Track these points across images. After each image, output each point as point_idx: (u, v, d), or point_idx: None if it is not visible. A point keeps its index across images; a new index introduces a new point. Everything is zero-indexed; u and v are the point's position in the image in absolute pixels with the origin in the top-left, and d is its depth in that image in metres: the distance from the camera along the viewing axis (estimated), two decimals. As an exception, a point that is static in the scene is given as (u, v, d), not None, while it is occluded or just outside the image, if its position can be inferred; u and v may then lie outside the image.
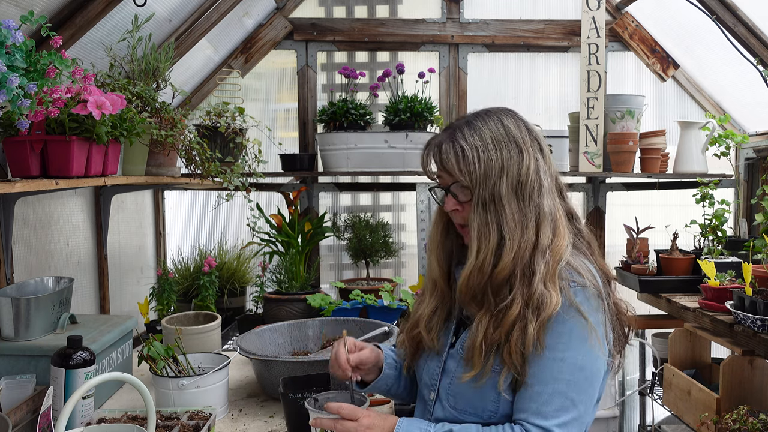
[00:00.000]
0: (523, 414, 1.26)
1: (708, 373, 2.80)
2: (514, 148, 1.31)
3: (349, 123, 3.05)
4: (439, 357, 1.40)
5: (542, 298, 1.24)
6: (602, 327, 1.28)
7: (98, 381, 1.33)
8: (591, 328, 1.25)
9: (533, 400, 1.25)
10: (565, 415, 1.24)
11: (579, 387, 1.25)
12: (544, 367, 1.25)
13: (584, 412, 1.26)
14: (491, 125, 1.33)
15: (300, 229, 3.05)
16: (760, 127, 3.34)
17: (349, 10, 3.49)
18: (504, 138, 1.32)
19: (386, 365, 1.51)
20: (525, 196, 1.30)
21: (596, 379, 1.28)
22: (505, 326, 1.25)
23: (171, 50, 2.39)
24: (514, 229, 1.27)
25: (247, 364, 2.27)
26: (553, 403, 1.24)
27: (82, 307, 2.52)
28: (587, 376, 1.26)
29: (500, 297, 1.28)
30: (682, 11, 3.05)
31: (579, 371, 1.25)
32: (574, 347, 1.25)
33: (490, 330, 1.27)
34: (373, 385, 1.51)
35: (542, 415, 1.24)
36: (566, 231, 1.33)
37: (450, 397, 1.35)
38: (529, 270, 1.27)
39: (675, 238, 2.80)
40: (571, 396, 1.24)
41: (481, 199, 1.30)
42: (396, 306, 2.67)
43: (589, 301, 1.27)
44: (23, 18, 1.49)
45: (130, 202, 3.06)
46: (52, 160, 1.74)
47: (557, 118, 3.43)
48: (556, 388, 1.24)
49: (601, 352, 1.27)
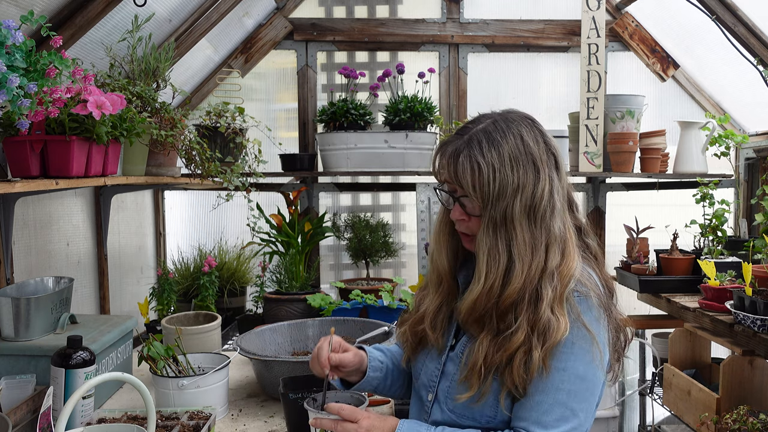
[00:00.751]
0: (523, 422, 1.24)
1: (708, 373, 2.80)
2: (531, 167, 1.26)
3: (349, 123, 3.05)
4: (439, 358, 1.40)
5: (549, 323, 1.21)
6: (603, 337, 1.27)
7: (98, 381, 1.33)
8: (593, 339, 1.24)
9: (534, 410, 1.24)
10: (565, 424, 1.23)
11: (580, 396, 1.24)
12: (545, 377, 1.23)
13: (584, 421, 1.25)
14: (510, 140, 1.27)
15: (300, 229, 3.06)
16: (760, 127, 3.34)
17: (349, 10, 3.49)
18: (522, 156, 1.26)
19: (370, 368, 1.49)
20: (537, 218, 1.26)
21: (596, 389, 1.27)
22: (509, 351, 1.22)
23: (171, 50, 2.39)
24: (525, 252, 1.24)
25: (247, 364, 2.27)
26: (553, 412, 1.23)
27: (82, 307, 2.52)
28: (588, 386, 1.25)
29: (505, 322, 1.25)
30: (682, 11, 3.05)
31: (580, 381, 1.24)
32: (576, 357, 1.24)
33: (490, 353, 1.24)
34: (357, 387, 1.50)
35: (542, 424, 1.22)
36: (575, 251, 1.30)
37: (449, 400, 1.34)
38: (536, 294, 1.24)
39: (675, 238, 2.80)
40: (572, 406, 1.23)
41: (491, 219, 1.25)
42: (396, 306, 2.67)
43: (591, 311, 1.26)
44: (23, 18, 1.49)
45: (130, 202, 3.06)
46: (52, 160, 1.74)
47: (557, 118, 3.43)
48: (557, 398, 1.23)
49: (601, 362, 1.26)
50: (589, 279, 1.29)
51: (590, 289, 1.27)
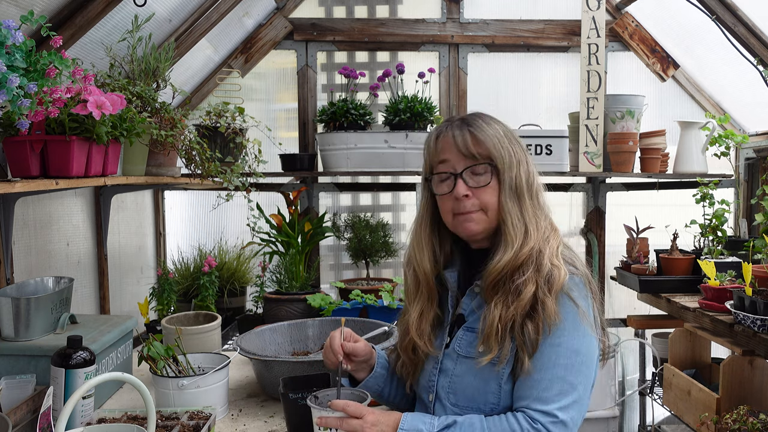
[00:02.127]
0: (525, 401, 1.28)
1: (708, 373, 2.80)
2: (520, 147, 1.40)
3: (349, 123, 3.05)
4: (435, 359, 1.42)
5: (551, 272, 1.30)
6: (591, 311, 1.34)
7: (98, 381, 1.33)
8: (582, 313, 1.31)
9: (533, 387, 1.28)
10: (565, 398, 1.27)
11: (576, 370, 1.29)
12: (541, 354, 1.28)
13: (583, 394, 1.30)
14: (498, 125, 1.40)
15: (300, 229, 3.06)
16: (760, 127, 3.34)
17: (349, 10, 3.49)
18: (511, 136, 1.40)
19: (378, 364, 1.52)
20: (533, 191, 1.39)
21: (591, 361, 1.32)
22: (522, 303, 1.29)
23: (171, 50, 2.39)
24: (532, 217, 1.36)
25: (247, 364, 2.27)
26: (553, 388, 1.27)
27: (82, 307, 2.52)
28: (583, 359, 1.30)
29: (515, 282, 1.32)
30: (682, 11, 3.05)
31: (575, 355, 1.29)
32: (568, 332, 1.29)
33: (504, 310, 1.30)
34: (364, 383, 1.52)
35: (543, 400, 1.27)
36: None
37: (450, 395, 1.36)
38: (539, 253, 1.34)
39: (675, 238, 2.80)
40: (570, 380, 1.28)
41: (509, 184, 1.36)
42: (396, 306, 2.67)
43: (579, 287, 1.33)
44: (23, 18, 1.49)
45: (130, 202, 3.06)
46: (52, 160, 1.74)
47: (557, 118, 3.43)
48: (555, 373, 1.27)
49: (593, 335, 1.32)
50: (575, 258, 1.39)
51: (576, 267, 1.36)
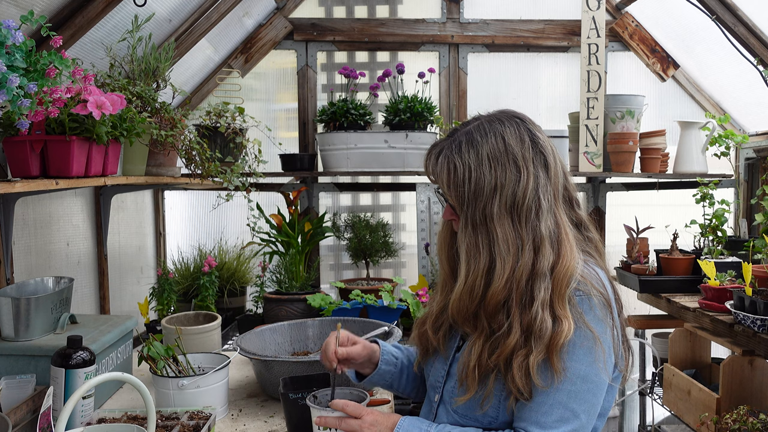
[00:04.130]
0: (523, 423, 1.23)
1: (708, 373, 2.80)
2: (511, 166, 1.25)
3: (349, 123, 3.05)
4: (446, 360, 1.40)
5: (543, 325, 1.20)
6: (608, 336, 1.25)
7: (98, 381, 1.33)
8: (596, 339, 1.22)
9: (533, 411, 1.22)
10: (564, 426, 1.21)
11: (581, 397, 1.22)
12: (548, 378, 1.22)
13: (586, 423, 1.23)
14: (491, 141, 1.27)
15: (300, 229, 3.06)
16: (760, 127, 3.34)
17: (349, 10, 3.49)
18: (502, 155, 1.26)
19: (382, 361, 1.51)
20: (521, 217, 1.25)
21: (600, 390, 1.25)
22: (504, 353, 1.22)
23: (171, 50, 2.39)
24: (507, 252, 1.23)
25: (247, 364, 2.27)
26: (553, 413, 1.21)
27: (82, 307, 2.52)
28: (590, 387, 1.23)
29: (496, 322, 1.25)
30: (682, 11, 3.05)
31: (582, 382, 1.22)
32: (578, 358, 1.22)
33: (484, 355, 1.24)
34: (369, 380, 1.52)
35: (541, 425, 1.21)
36: (573, 250, 1.27)
37: (453, 400, 1.35)
38: (527, 296, 1.23)
39: (675, 238, 2.80)
40: (572, 407, 1.21)
41: (470, 219, 1.27)
42: (396, 306, 2.67)
43: (594, 310, 1.24)
44: (23, 18, 1.49)
45: (130, 202, 3.06)
46: (52, 160, 1.73)
47: (557, 118, 3.43)
48: (557, 399, 1.21)
49: (605, 362, 1.23)
50: (592, 278, 1.27)
51: (592, 287, 1.25)
